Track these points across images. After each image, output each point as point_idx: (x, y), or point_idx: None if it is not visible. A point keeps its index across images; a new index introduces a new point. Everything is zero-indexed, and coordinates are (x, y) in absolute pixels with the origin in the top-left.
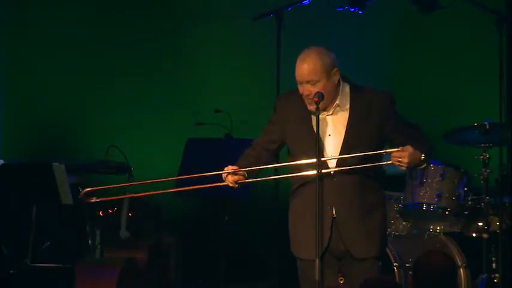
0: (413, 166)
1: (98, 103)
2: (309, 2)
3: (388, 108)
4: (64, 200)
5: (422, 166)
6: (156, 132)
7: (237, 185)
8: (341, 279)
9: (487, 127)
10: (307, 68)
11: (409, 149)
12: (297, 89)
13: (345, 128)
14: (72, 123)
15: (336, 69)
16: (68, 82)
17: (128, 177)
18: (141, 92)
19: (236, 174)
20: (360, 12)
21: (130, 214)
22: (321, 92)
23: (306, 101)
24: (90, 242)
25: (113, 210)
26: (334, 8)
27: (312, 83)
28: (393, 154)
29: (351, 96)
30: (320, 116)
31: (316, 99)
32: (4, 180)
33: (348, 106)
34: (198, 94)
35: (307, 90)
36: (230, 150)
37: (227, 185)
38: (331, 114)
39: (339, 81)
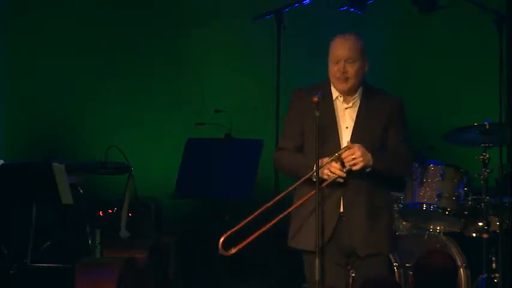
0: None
1: (97, 103)
2: (309, 2)
3: (397, 114)
4: (64, 200)
5: (368, 170)
6: (156, 132)
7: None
8: (352, 272)
9: (487, 127)
10: (348, 45)
11: (356, 145)
12: (311, 86)
13: (353, 123)
14: (72, 123)
15: (367, 59)
16: (68, 82)
17: (128, 177)
18: (141, 92)
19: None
20: (360, 12)
21: (130, 214)
22: (322, 92)
23: (337, 81)
24: (90, 242)
25: (112, 210)
26: (334, 8)
27: (350, 61)
28: (344, 156)
29: (364, 93)
30: (340, 108)
31: (316, 99)
32: (4, 180)
33: (359, 102)
34: (198, 94)
35: (342, 68)
36: (230, 150)
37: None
38: (351, 107)
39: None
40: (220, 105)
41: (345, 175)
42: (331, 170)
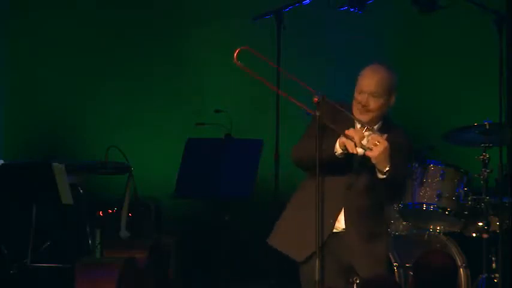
0: (376, 163)
1: (97, 103)
2: (309, 2)
3: (401, 144)
4: (64, 200)
5: (381, 176)
6: (156, 132)
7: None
8: (356, 279)
9: (487, 127)
10: (376, 80)
11: (386, 142)
12: (337, 102)
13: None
14: (72, 123)
15: (395, 93)
16: (68, 82)
17: (128, 177)
18: (141, 92)
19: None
20: (360, 12)
21: (130, 214)
22: (322, 92)
23: (358, 110)
24: (90, 242)
25: (112, 210)
26: (334, 8)
27: (375, 95)
28: (372, 135)
29: (382, 127)
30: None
31: (316, 99)
32: (4, 180)
33: None
34: (198, 94)
35: (365, 100)
36: (230, 150)
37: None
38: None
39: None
40: (220, 105)
41: (359, 144)
42: (354, 129)
